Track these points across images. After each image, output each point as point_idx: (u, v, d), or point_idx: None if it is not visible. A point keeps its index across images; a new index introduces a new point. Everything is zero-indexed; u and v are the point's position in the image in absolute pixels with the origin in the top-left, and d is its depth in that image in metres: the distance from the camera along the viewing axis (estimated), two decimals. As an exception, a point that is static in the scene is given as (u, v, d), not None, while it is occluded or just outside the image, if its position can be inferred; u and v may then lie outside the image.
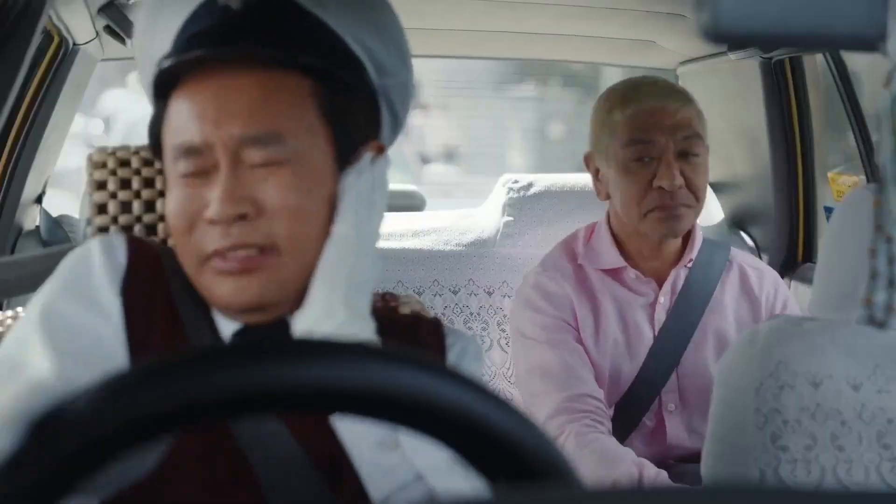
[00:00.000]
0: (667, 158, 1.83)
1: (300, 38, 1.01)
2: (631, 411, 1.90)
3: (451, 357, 1.07)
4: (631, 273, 1.93)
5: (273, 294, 0.98)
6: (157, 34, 1.05)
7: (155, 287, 1.02)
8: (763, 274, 2.01)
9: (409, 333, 1.08)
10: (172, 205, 1.00)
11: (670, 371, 1.90)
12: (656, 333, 1.91)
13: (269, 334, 1.00)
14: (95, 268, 1.01)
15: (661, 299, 1.93)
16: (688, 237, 1.96)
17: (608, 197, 1.93)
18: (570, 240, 2.02)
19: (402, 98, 1.09)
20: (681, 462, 1.89)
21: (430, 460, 0.93)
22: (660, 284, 1.94)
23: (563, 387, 1.83)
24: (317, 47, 1.01)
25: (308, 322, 0.97)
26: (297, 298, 0.99)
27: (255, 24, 1.00)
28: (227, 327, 1.03)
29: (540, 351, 1.88)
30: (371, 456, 0.95)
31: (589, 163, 1.96)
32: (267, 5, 1.01)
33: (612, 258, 1.94)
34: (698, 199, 1.88)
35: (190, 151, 0.98)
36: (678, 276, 1.94)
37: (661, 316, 1.93)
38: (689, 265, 1.94)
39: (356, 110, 1.04)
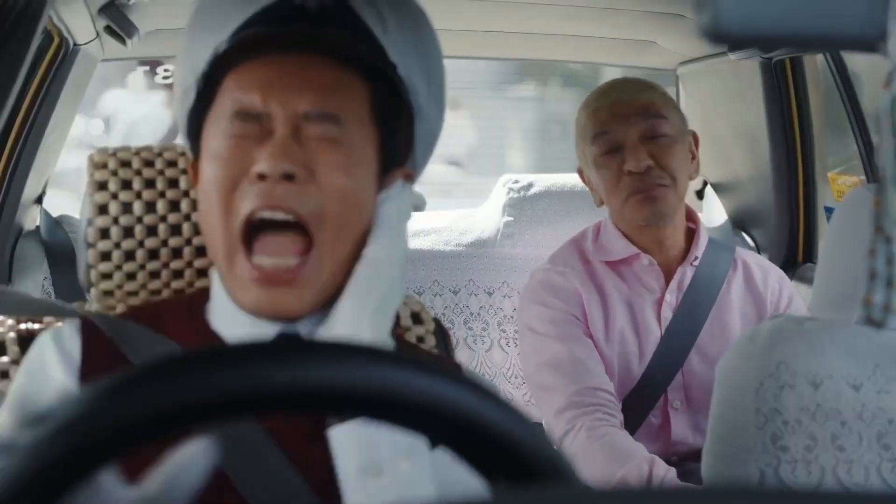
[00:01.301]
0: (630, 143, 1.87)
1: (360, 47, 1.02)
2: (637, 408, 1.91)
3: None
4: (644, 260, 1.94)
5: (305, 307, 0.99)
6: (214, 30, 1.04)
7: (112, 363, 1.02)
8: (767, 271, 2.02)
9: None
10: (214, 168, 0.99)
11: (676, 369, 1.91)
12: (663, 331, 1.92)
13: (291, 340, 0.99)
14: (50, 364, 1.03)
15: (668, 297, 1.94)
16: (692, 235, 1.97)
17: (602, 203, 1.97)
18: (579, 238, 2.04)
19: (426, 145, 1.11)
20: (685, 459, 1.90)
21: (414, 493, 0.93)
22: (667, 280, 1.95)
23: (573, 380, 1.84)
24: (373, 58, 1.03)
25: (333, 333, 0.97)
26: (319, 308, 1.00)
27: (321, 25, 1.01)
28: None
29: (549, 345, 1.89)
30: (354, 479, 0.94)
31: (582, 175, 2.02)
32: (336, 15, 1.02)
33: (623, 247, 1.95)
34: (674, 179, 1.89)
35: (248, 115, 0.99)
36: (684, 274, 1.95)
37: (667, 314, 1.93)
38: (695, 263, 1.95)
39: (401, 127, 1.06)
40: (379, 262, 1.00)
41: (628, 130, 1.87)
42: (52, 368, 1.03)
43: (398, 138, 1.06)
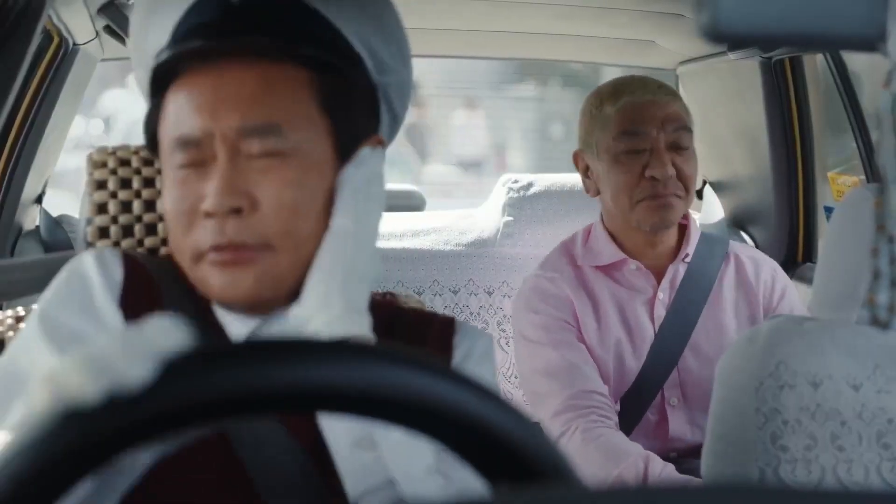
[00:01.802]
0: (658, 149, 1.86)
1: (300, 31, 1.00)
2: (634, 406, 1.91)
3: (456, 357, 1.07)
4: (631, 265, 1.95)
5: (268, 288, 0.97)
6: (153, 28, 1.05)
7: (151, 302, 1.01)
8: (759, 263, 2.02)
9: (416, 331, 1.08)
10: (169, 200, 1.00)
11: (672, 366, 1.91)
12: (657, 329, 1.93)
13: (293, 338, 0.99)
14: (93, 281, 1.01)
15: (660, 295, 1.94)
16: (683, 232, 1.98)
17: (598, 193, 1.96)
18: (568, 242, 2.04)
19: (400, 96, 1.09)
20: (684, 456, 1.91)
21: (406, 467, 0.93)
22: (658, 280, 1.95)
23: (567, 384, 1.84)
24: (316, 40, 1.01)
25: (303, 314, 0.96)
26: (295, 292, 0.99)
27: (254, 17, 1.00)
28: (236, 330, 1.03)
29: (543, 352, 1.89)
30: (349, 454, 0.95)
31: (578, 161, 1.99)
32: (266, 1, 1.01)
33: (611, 253, 1.95)
34: (688, 190, 1.90)
35: (188, 143, 0.98)
36: (676, 271, 1.95)
37: (660, 312, 1.94)
38: (687, 260, 1.96)
39: (356, 104, 1.03)
40: (346, 231, 0.98)
41: (659, 136, 1.87)
42: (95, 288, 1.01)
43: (357, 115, 1.04)
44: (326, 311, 0.95)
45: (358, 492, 0.94)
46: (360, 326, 0.96)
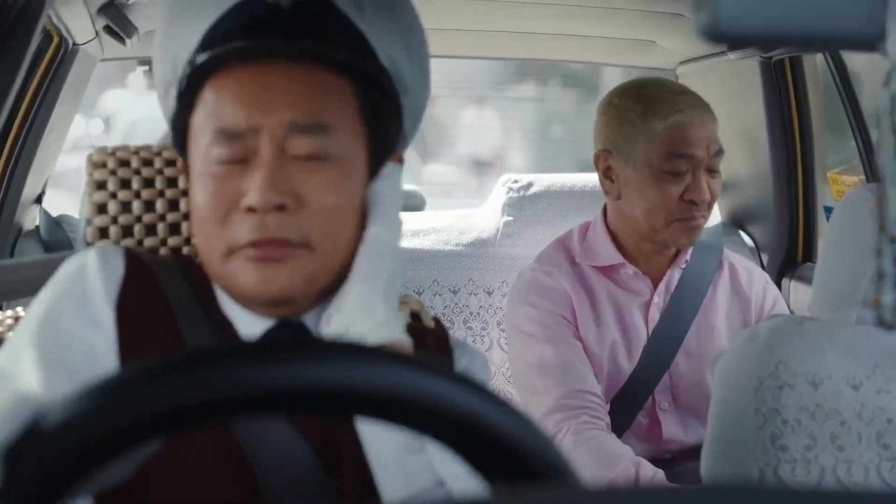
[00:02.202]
0: (698, 173, 1.85)
1: (339, 42, 1.01)
2: (625, 409, 1.91)
3: (459, 369, 1.08)
4: (629, 269, 1.94)
5: (300, 287, 0.98)
6: (186, 28, 1.03)
7: (152, 300, 1.01)
8: (753, 274, 2.03)
9: (416, 341, 1.08)
10: (204, 194, 0.99)
11: (663, 371, 1.91)
12: (650, 333, 1.93)
13: (293, 338, 0.99)
14: (91, 278, 1.01)
15: (656, 299, 1.94)
16: None
17: (619, 197, 1.91)
18: (565, 238, 2.03)
19: (413, 118, 1.10)
20: (677, 457, 1.91)
21: (453, 467, 0.93)
22: (655, 284, 1.95)
23: (561, 383, 1.83)
24: (356, 52, 1.02)
25: (344, 321, 0.97)
26: (318, 297, 1.00)
27: (297, 23, 1.00)
28: (247, 329, 1.02)
29: (538, 347, 1.88)
30: (394, 458, 0.95)
31: (599, 161, 1.93)
32: (311, 7, 1.01)
33: (610, 254, 1.95)
34: (711, 210, 1.91)
35: (231, 136, 0.97)
36: (672, 276, 1.96)
37: (654, 315, 1.94)
38: (683, 266, 1.96)
39: (389, 120, 1.05)
40: (382, 240, 1.00)
41: (704, 159, 1.85)
42: (93, 286, 1.00)
43: (389, 132, 1.05)
44: (369, 317, 0.96)
45: (398, 496, 0.94)
46: (399, 332, 0.97)
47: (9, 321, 1.24)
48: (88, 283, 1.00)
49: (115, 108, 7.60)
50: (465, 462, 0.61)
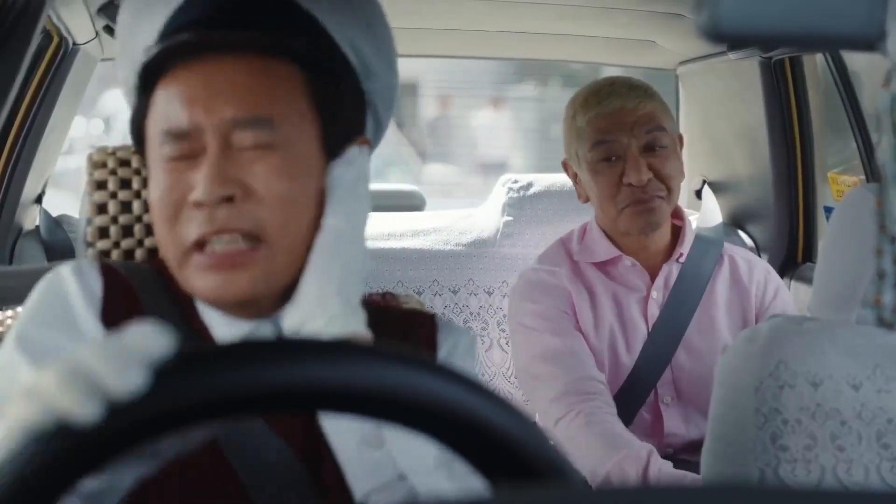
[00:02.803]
0: (632, 155, 1.87)
1: (290, 30, 1.00)
2: (628, 404, 1.92)
3: (441, 354, 1.07)
4: (626, 261, 1.96)
5: (262, 287, 0.97)
6: (142, 27, 1.04)
7: (130, 310, 1.01)
8: (753, 265, 2.04)
9: (401, 329, 1.08)
10: (156, 191, 0.99)
11: (664, 365, 1.92)
12: (650, 328, 1.93)
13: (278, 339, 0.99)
14: (72, 295, 1.00)
15: (654, 294, 1.95)
16: (678, 233, 1.98)
17: (587, 199, 1.98)
18: (566, 239, 2.06)
19: (385, 102, 1.09)
20: (679, 451, 1.92)
21: (415, 460, 0.93)
22: (652, 278, 1.96)
23: (569, 370, 1.84)
24: (307, 39, 1.01)
25: (300, 315, 0.96)
26: (284, 293, 0.99)
27: (245, 15, 1.00)
28: (223, 333, 1.02)
29: (542, 338, 1.90)
30: (355, 453, 0.94)
31: (567, 168, 2.02)
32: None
33: (606, 249, 1.97)
34: (670, 190, 1.91)
35: (178, 136, 0.97)
36: (670, 271, 1.96)
37: (653, 311, 1.95)
38: (681, 260, 1.96)
39: (345, 105, 1.03)
40: (337, 230, 0.98)
41: (630, 142, 1.88)
42: (74, 302, 1.00)
43: (345, 115, 1.04)
44: (324, 311, 0.95)
45: (364, 490, 0.94)
46: (357, 325, 0.95)
47: (9, 321, 1.24)
48: (70, 300, 1.00)
49: (115, 108, 7.60)
50: (466, 462, 0.61)
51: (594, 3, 2.17)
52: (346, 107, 1.04)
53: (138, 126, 1.03)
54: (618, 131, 1.88)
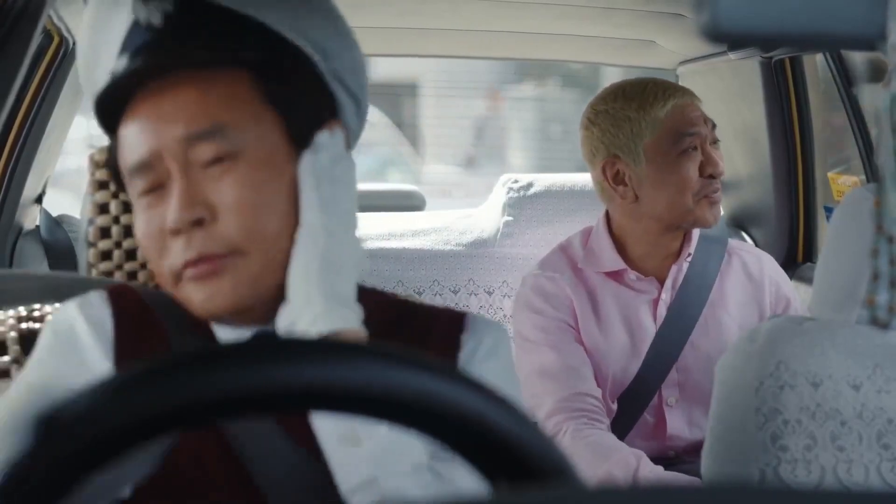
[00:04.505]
0: (707, 148, 1.90)
1: (230, 36, 1.00)
2: (632, 406, 1.92)
3: (463, 355, 1.05)
4: (631, 275, 1.95)
5: (246, 294, 0.96)
6: (98, 70, 1.04)
7: (149, 336, 1.01)
8: (762, 258, 2.05)
9: (422, 327, 1.06)
10: (140, 229, 1.00)
11: (670, 366, 1.92)
12: (658, 330, 1.93)
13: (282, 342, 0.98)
14: (79, 332, 1.00)
15: (664, 296, 1.94)
16: (686, 232, 1.98)
17: (636, 199, 1.92)
18: (566, 245, 2.03)
19: (354, 77, 1.06)
20: (682, 454, 1.91)
21: (391, 463, 0.92)
22: (661, 282, 1.95)
23: (562, 386, 1.85)
24: (248, 41, 1.00)
25: (290, 316, 0.95)
26: (280, 297, 0.98)
27: (183, 32, 0.99)
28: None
29: (540, 353, 1.90)
30: (334, 451, 0.94)
31: (606, 169, 1.94)
32: (192, 13, 1.00)
33: (612, 261, 1.95)
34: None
35: (141, 167, 0.98)
36: (679, 271, 1.96)
37: (663, 312, 1.94)
38: (689, 260, 1.96)
39: (303, 93, 1.02)
40: (314, 224, 0.97)
41: (707, 135, 1.91)
42: (84, 340, 0.99)
43: (305, 104, 1.02)
44: (309, 308, 0.94)
45: (348, 487, 0.94)
46: (345, 321, 0.94)
47: (10, 321, 1.24)
48: (79, 342, 1.00)
49: (115, 108, 7.58)
50: (466, 462, 0.61)
51: (594, 3, 2.17)
52: (304, 95, 1.02)
53: (116, 170, 1.03)
54: (698, 123, 1.90)
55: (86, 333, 1.00)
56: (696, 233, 1.99)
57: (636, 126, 1.90)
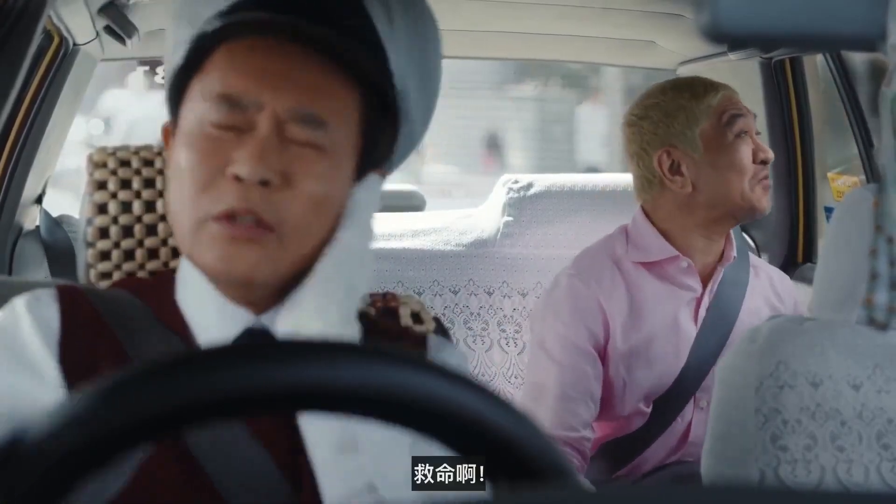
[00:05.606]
0: (754, 135, 1.92)
1: (359, 53, 0.99)
2: (667, 409, 1.89)
3: None
4: (683, 262, 1.91)
5: (264, 272, 0.95)
6: None
7: (97, 340, 0.98)
8: (783, 276, 2.09)
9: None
10: (191, 156, 0.96)
11: (707, 371, 1.89)
12: (698, 331, 1.92)
13: (267, 341, 0.98)
14: (25, 331, 0.97)
15: (706, 297, 1.93)
16: (728, 234, 1.97)
17: (693, 188, 1.90)
18: (607, 244, 1.99)
19: (406, 147, 1.09)
20: (699, 461, 1.91)
21: (387, 471, 0.92)
22: (704, 281, 1.94)
23: (551, 413, 1.83)
24: (371, 65, 1.00)
25: (296, 318, 0.96)
26: (279, 293, 0.98)
27: (325, 16, 0.99)
28: (210, 339, 1.00)
29: (548, 370, 1.87)
30: (330, 458, 0.94)
31: (662, 162, 1.92)
32: (344, 2, 1.00)
33: (660, 248, 1.92)
34: None
35: (233, 104, 0.96)
36: (719, 274, 1.94)
37: (703, 314, 1.92)
38: (730, 262, 1.96)
39: (384, 133, 1.04)
40: (350, 246, 0.98)
41: (752, 122, 1.93)
42: (28, 338, 0.96)
43: (381, 145, 1.04)
44: (322, 318, 0.95)
45: (336, 497, 0.93)
46: (350, 336, 0.96)
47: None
48: (24, 338, 0.97)
49: (115, 108, 7.60)
50: (466, 461, 0.61)
51: (594, 4, 2.17)
52: (384, 136, 1.04)
53: (179, 85, 1.01)
54: (746, 111, 1.92)
55: (31, 332, 0.97)
56: (733, 235, 1.98)
57: (691, 114, 1.90)
